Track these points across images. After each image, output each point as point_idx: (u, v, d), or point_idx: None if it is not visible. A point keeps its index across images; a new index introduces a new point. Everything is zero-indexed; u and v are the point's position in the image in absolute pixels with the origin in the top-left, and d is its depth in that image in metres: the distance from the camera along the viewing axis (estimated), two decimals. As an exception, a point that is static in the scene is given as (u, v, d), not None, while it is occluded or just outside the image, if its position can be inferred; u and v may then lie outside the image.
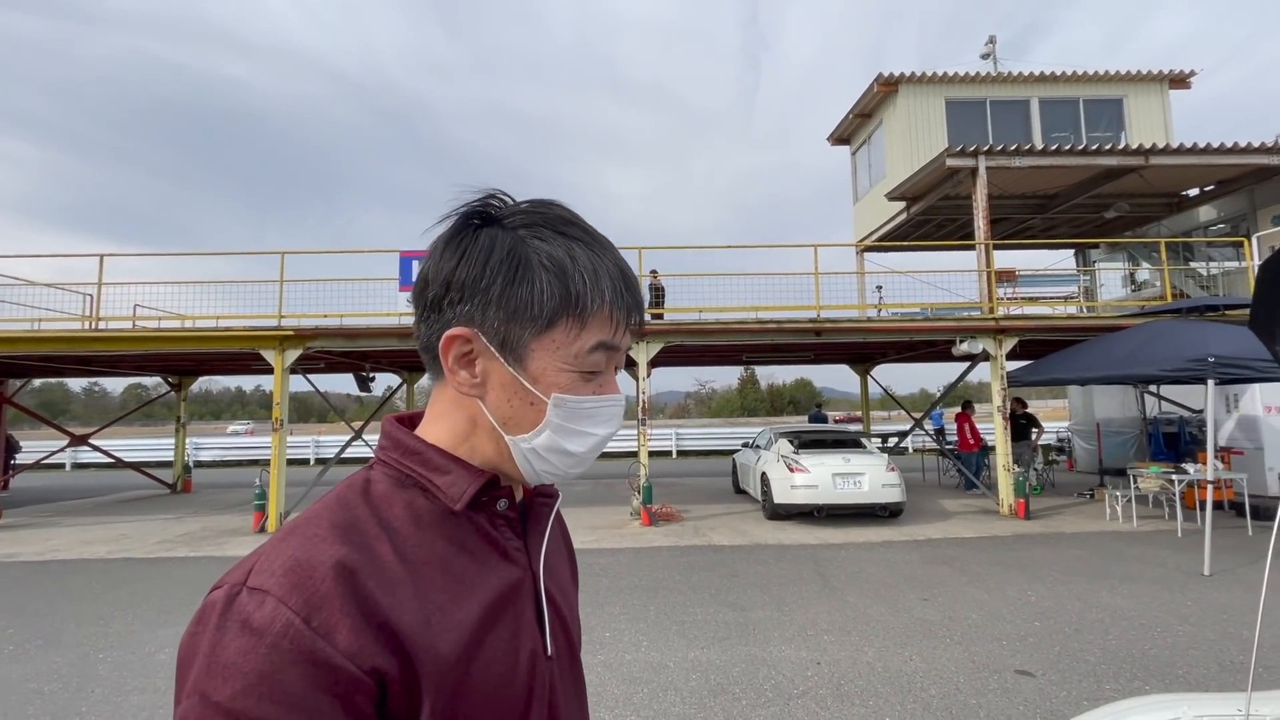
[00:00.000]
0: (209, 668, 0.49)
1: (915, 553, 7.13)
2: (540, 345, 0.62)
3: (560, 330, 0.62)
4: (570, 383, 0.63)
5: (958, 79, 13.54)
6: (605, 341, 0.64)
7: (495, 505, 0.65)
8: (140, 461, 16.35)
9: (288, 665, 0.49)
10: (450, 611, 0.57)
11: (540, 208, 0.65)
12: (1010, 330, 9.70)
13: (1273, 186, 11.72)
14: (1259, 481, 9.85)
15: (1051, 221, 14.12)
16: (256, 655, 0.48)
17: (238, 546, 8.03)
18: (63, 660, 4.35)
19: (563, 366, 0.63)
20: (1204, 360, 6.64)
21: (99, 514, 11.03)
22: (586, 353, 0.63)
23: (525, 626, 0.63)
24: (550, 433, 0.63)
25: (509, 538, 0.66)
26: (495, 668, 0.59)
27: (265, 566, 0.53)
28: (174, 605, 5.59)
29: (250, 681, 0.48)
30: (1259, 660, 1.31)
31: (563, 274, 0.61)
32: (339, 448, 12.68)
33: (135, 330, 9.82)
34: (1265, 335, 1.53)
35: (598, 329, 0.63)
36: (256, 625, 0.49)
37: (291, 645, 0.49)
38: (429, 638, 0.55)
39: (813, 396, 47.48)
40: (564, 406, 0.63)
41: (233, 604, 0.51)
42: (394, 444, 0.66)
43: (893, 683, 3.80)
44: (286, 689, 0.48)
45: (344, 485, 0.63)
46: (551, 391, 0.62)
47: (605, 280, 0.63)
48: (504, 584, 0.63)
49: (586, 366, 0.63)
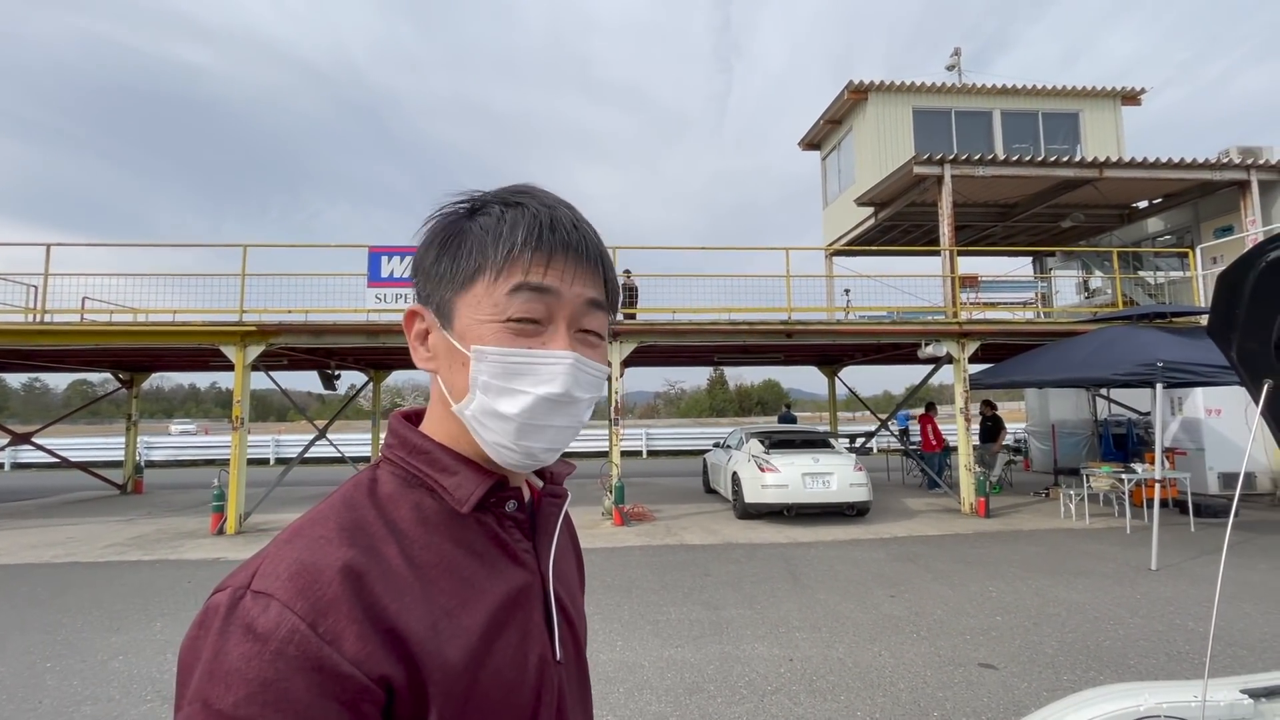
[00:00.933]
0: (211, 674, 0.47)
1: (882, 551, 7.29)
2: (463, 302, 0.61)
3: (480, 284, 0.61)
4: (494, 334, 0.60)
5: (925, 89, 13.91)
6: (525, 282, 0.60)
7: (504, 507, 0.64)
8: (87, 461, 15.60)
9: (293, 672, 0.47)
10: (458, 617, 0.56)
11: (505, 187, 0.65)
12: (973, 334, 10.01)
13: (1216, 201, 12.35)
14: (1201, 480, 10.40)
15: (1012, 229, 14.62)
16: (261, 662, 0.47)
17: (195, 550, 7.74)
18: (6, 670, 4.12)
19: (484, 318, 0.60)
20: (1153, 365, 6.96)
21: (43, 516, 10.49)
22: (506, 298, 0.60)
23: (534, 631, 0.62)
24: (479, 393, 0.60)
25: (518, 540, 0.65)
26: (504, 674, 0.58)
27: (270, 569, 0.52)
28: (126, 610, 5.36)
29: (254, 689, 0.46)
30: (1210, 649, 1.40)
31: (483, 232, 0.61)
32: (300, 448, 12.33)
33: (85, 324, 9.38)
34: (1221, 341, 1.61)
35: (516, 272, 0.60)
36: (261, 631, 0.48)
37: (297, 652, 0.48)
38: (437, 644, 0.54)
39: (780, 397, 48.10)
40: (485, 359, 0.60)
41: (236, 608, 0.50)
42: (401, 442, 0.65)
43: (863, 678, 3.88)
44: (292, 697, 0.47)
45: (350, 484, 0.62)
46: (472, 344, 0.60)
47: (524, 223, 0.61)
48: (513, 588, 0.62)
49: (514, 314, 0.60)
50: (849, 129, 14.84)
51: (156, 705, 3.61)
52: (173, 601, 5.62)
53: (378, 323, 9.37)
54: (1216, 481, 10.58)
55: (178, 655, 0.51)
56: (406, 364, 13.63)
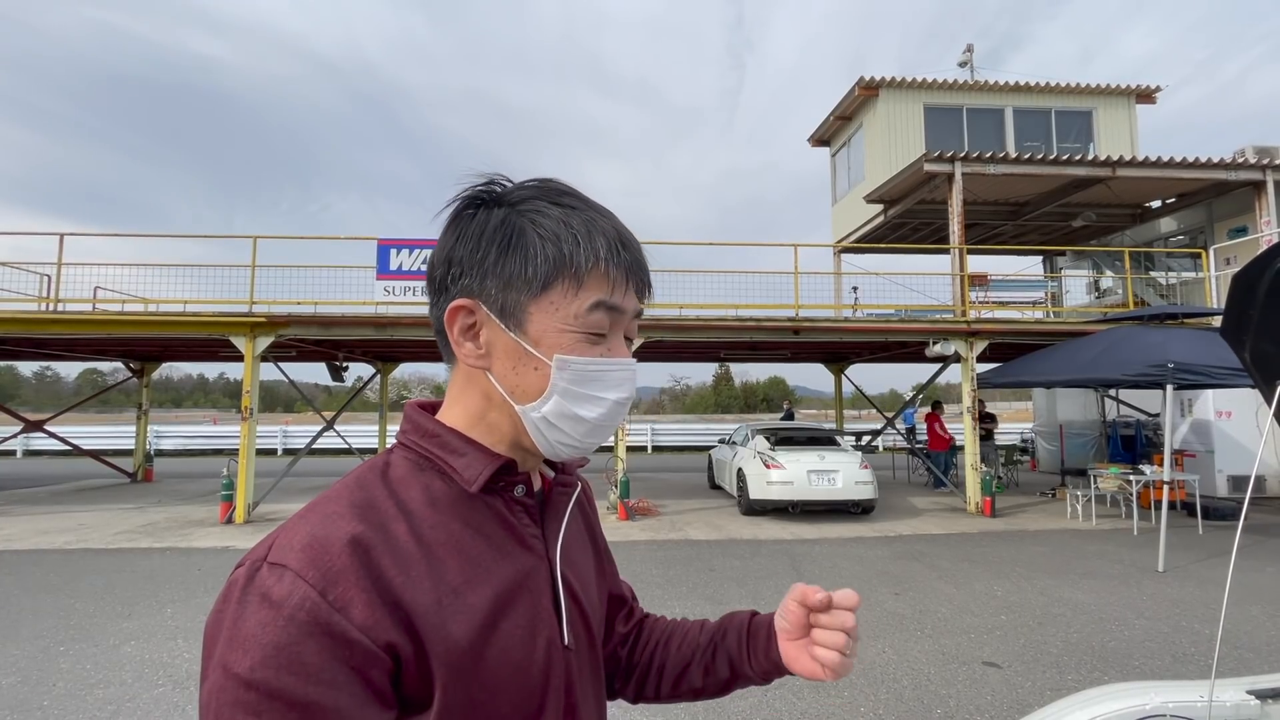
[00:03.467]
0: (230, 640, 0.50)
1: (886, 549, 7.29)
2: (538, 308, 0.62)
3: (557, 291, 0.61)
4: (573, 344, 0.62)
5: (936, 85, 13.80)
6: (604, 300, 0.62)
7: (513, 490, 0.65)
8: (98, 449, 15.78)
9: (305, 637, 0.49)
10: (463, 595, 0.58)
11: (537, 183, 0.66)
12: (981, 333, 9.95)
13: (1230, 201, 12.23)
14: (1210, 483, 10.33)
15: (1022, 228, 14.51)
16: (275, 627, 0.49)
17: (204, 538, 7.83)
18: (21, 653, 4.19)
19: (563, 328, 0.62)
20: (1164, 366, 6.91)
21: (55, 503, 10.63)
22: (585, 312, 0.62)
23: (542, 615, 0.63)
24: (559, 398, 0.62)
25: (526, 524, 0.66)
26: (510, 654, 0.59)
27: (285, 542, 0.54)
28: (137, 597, 5.43)
29: (269, 653, 0.49)
30: (1218, 649, 1.39)
31: (555, 238, 0.61)
32: (307, 438, 12.42)
33: (97, 313, 9.47)
34: (1235, 343, 1.60)
35: (595, 288, 0.62)
36: (275, 598, 0.50)
37: (309, 617, 0.50)
38: (441, 619, 0.55)
39: (786, 394, 48.03)
40: (568, 369, 0.62)
41: (254, 579, 0.52)
42: (414, 427, 0.66)
43: (867, 674, 3.89)
44: (305, 660, 0.49)
45: (364, 467, 0.64)
46: (554, 353, 0.62)
47: (600, 239, 0.62)
48: (520, 571, 0.63)
49: (588, 327, 0.62)
50: (859, 125, 14.76)
51: (168, 690, 3.67)
52: (183, 589, 5.69)
53: (386, 315, 9.41)
54: (1226, 484, 10.50)
55: (204, 629, 0.54)
56: (414, 356, 13.69)
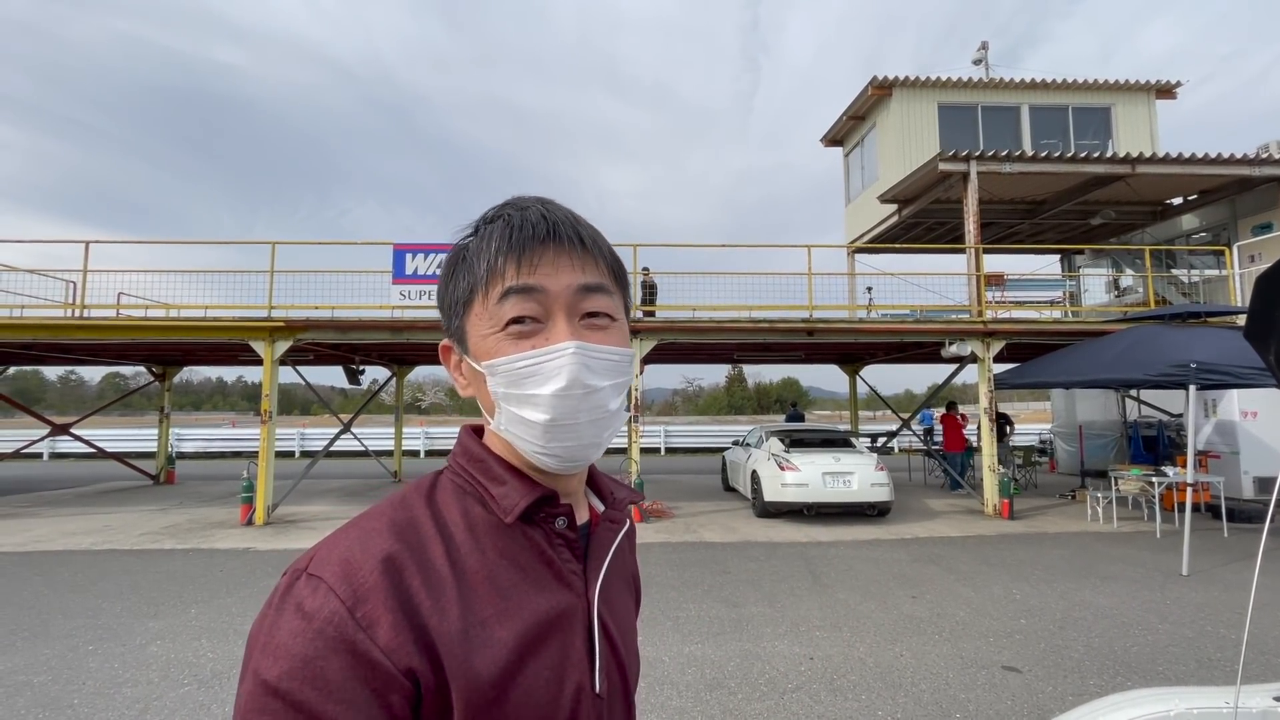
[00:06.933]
0: (265, 646, 0.51)
1: (903, 551, 7.24)
2: (470, 324, 0.63)
3: (477, 302, 0.62)
4: (496, 345, 0.61)
5: (950, 84, 13.68)
6: (510, 286, 0.60)
7: (553, 523, 0.63)
8: (121, 452, 16.08)
9: (330, 653, 0.50)
10: (491, 627, 0.56)
11: (496, 207, 0.66)
12: (998, 333, 9.85)
13: (1254, 197, 11.98)
14: (1235, 484, 10.11)
15: (1039, 227, 14.33)
16: (305, 639, 0.50)
17: (225, 539, 7.96)
18: (51, 652, 4.29)
19: (486, 332, 0.61)
20: (1186, 366, 6.80)
21: (80, 505, 10.85)
22: (497, 306, 0.60)
23: (574, 658, 0.60)
24: (503, 405, 0.61)
25: (566, 559, 0.63)
26: (535, 696, 0.56)
27: (324, 555, 0.55)
28: (162, 597, 5.53)
29: (297, 664, 0.49)
30: (1244, 655, 1.37)
31: (475, 254, 0.62)
32: (324, 441, 12.57)
33: (121, 319, 9.66)
34: (1259, 344, 1.58)
35: (501, 280, 0.60)
36: (308, 609, 0.51)
37: (336, 633, 0.50)
38: (466, 650, 0.54)
39: (800, 395, 47.76)
40: (497, 372, 0.61)
41: (293, 588, 0.54)
42: (462, 450, 0.67)
43: (884, 678, 3.87)
44: (328, 676, 0.49)
45: (411, 486, 0.65)
46: (483, 360, 0.62)
47: (498, 231, 0.62)
48: (554, 608, 0.60)
49: (504, 320, 0.60)
50: (872, 125, 14.67)
51: (194, 689, 3.74)
52: (207, 589, 5.79)
53: (402, 319, 9.52)
54: (1252, 486, 10.27)
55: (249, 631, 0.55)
56: (429, 360, 13.82)
